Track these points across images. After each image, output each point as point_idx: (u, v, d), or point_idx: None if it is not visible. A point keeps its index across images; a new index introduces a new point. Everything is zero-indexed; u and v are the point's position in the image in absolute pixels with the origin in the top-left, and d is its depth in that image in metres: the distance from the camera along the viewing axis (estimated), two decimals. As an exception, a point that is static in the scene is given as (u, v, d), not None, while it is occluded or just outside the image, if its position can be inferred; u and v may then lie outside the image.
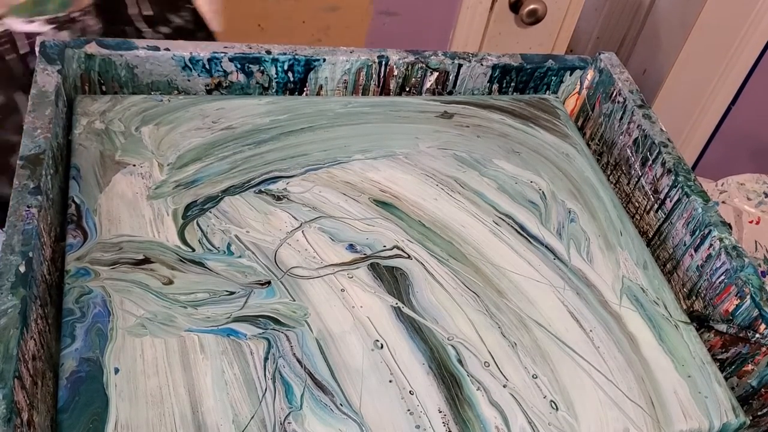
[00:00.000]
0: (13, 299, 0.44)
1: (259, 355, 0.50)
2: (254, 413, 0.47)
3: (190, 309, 0.51)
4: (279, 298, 0.54)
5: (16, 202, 0.50)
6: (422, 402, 0.50)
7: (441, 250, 0.60)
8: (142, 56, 0.66)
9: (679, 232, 0.66)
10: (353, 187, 0.63)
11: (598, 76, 0.78)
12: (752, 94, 1.61)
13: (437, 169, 0.67)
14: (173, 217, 0.57)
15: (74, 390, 0.46)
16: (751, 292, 0.58)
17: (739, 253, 0.60)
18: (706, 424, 0.53)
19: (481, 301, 0.57)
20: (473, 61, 0.75)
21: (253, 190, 0.61)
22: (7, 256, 0.47)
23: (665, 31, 1.62)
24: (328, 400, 0.49)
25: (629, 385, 0.54)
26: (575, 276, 0.61)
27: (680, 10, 1.57)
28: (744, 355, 0.59)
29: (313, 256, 0.57)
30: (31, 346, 0.45)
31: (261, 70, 0.70)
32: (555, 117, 0.77)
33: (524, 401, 0.51)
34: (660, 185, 0.68)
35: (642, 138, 0.71)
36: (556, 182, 0.69)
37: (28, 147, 0.54)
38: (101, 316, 0.50)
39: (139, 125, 0.64)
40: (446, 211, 0.63)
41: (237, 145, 0.64)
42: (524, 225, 0.64)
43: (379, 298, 0.55)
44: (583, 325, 0.57)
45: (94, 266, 0.52)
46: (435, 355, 0.53)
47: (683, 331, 0.59)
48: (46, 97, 0.59)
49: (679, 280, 0.66)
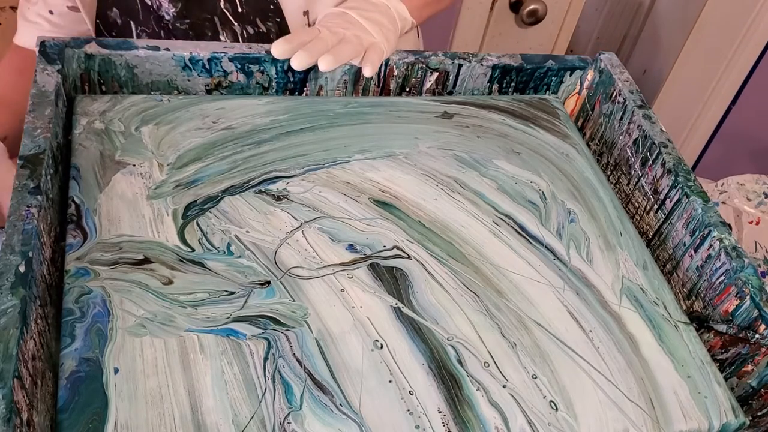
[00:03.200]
0: (13, 299, 0.44)
1: (259, 355, 0.50)
2: (254, 413, 0.47)
3: (190, 309, 0.51)
4: (279, 299, 0.54)
5: (15, 201, 0.50)
6: (422, 402, 0.50)
7: (441, 251, 0.60)
8: (142, 56, 0.66)
9: (679, 233, 0.66)
10: (353, 188, 0.63)
11: (598, 76, 0.78)
12: (752, 94, 1.61)
13: (437, 169, 0.67)
14: (173, 217, 0.57)
15: (74, 390, 0.46)
16: (751, 292, 0.58)
17: (738, 254, 0.60)
18: (706, 425, 0.53)
19: (480, 301, 0.57)
20: (473, 61, 0.75)
21: (253, 190, 0.61)
22: (6, 256, 0.47)
23: (665, 32, 1.62)
24: (328, 401, 0.49)
25: (629, 385, 0.54)
26: (575, 276, 0.61)
27: (680, 10, 1.57)
28: (744, 355, 0.59)
29: (312, 257, 0.57)
30: (31, 345, 0.45)
31: (261, 70, 0.70)
32: (555, 117, 0.77)
33: (524, 401, 0.51)
34: (660, 185, 0.68)
35: (642, 138, 0.71)
36: (556, 182, 0.69)
37: (28, 147, 0.54)
38: (101, 316, 0.50)
39: (139, 125, 0.64)
40: (446, 212, 0.63)
41: (237, 145, 0.64)
42: (524, 225, 0.64)
43: (379, 299, 0.55)
44: (582, 326, 0.57)
45: (93, 266, 0.52)
46: (435, 355, 0.53)
47: (683, 331, 0.59)
48: (46, 97, 0.59)
49: (679, 281, 0.66)
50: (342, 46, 0.67)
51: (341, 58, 0.66)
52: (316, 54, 0.66)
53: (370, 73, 0.68)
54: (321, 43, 0.66)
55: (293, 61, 0.65)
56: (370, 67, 0.67)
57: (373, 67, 0.68)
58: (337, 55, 0.66)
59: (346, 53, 0.67)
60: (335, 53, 0.66)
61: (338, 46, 0.67)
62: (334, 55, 0.66)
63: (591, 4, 1.77)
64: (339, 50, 0.66)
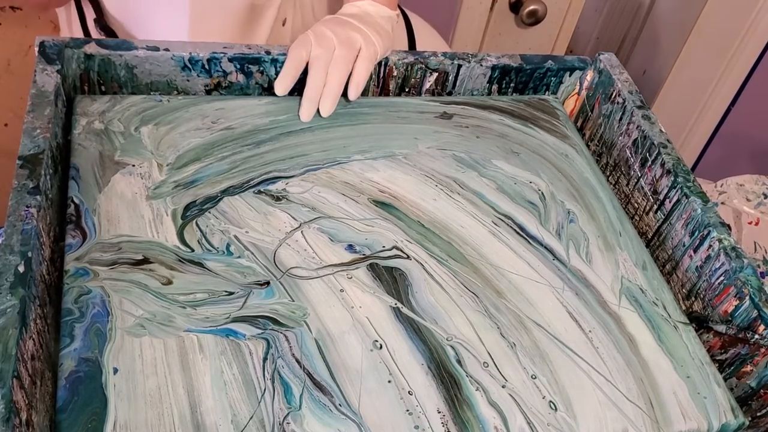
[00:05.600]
0: (12, 299, 0.44)
1: (258, 355, 0.50)
2: (253, 413, 0.47)
3: (189, 309, 0.51)
4: (278, 299, 0.54)
5: (15, 201, 0.50)
6: (421, 402, 0.50)
7: (440, 251, 0.60)
8: (142, 56, 0.66)
9: (679, 233, 0.66)
10: (352, 188, 0.63)
11: (598, 76, 0.78)
12: (752, 94, 1.61)
13: (436, 169, 0.67)
14: (172, 218, 0.57)
15: (73, 390, 0.46)
16: (750, 293, 0.58)
17: (738, 254, 0.60)
18: (705, 425, 0.53)
19: (480, 301, 0.57)
20: (473, 61, 0.75)
21: (253, 191, 0.61)
22: (6, 256, 0.47)
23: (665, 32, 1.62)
24: (327, 401, 0.49)
25: (628, 385, 0.54)
26: (574, 276, 0.61)
27: (680, 11, 1.57)
28: (743, 356, 0.59)
29: (312, 257, 0.57)
30: (30, 346, 0.45)
31: (260, 71, 0.70)
32: (554, 118, 0.77)
33: (523, 401, 0.51)
34: (659, 186, 0.68)
35: (641, 139, 0.71)
36: (556, 183, 0.69)
37: (27, 147, 0.54)
38: (100, 316, 0.50)
39: (139, 125, 0.64)
40: (445, 212, 0.63)
41: (236, 146, 0.64)
42: (523, 225, 0.64)
43: (378, 299, 0.55)
44: (582, 326, 0.57)
45: (93, 266, 0.52)
46: (434, 355, 0.53)
47: (682, 331, 0.59)
48: (46, 97, 0.59)
49: (679, 281, 0.66)
50: (333, 74, 0.69)
51: (336, 91, 0.69)
52: (317, 98, 0.69)
53: (354, 96, 0.70)
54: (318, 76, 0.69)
55: (302, 116, 0.69)
56: (354, 90, 0.70)
57: (357, 90, 0.70)
58: (332, 94, 0.69)
59: (338, 80, 0.69)
60: (329, 92, 0.69)
61: (330, 76, 0.69)
62: (331, 97, 0.69)
63: (591, 5, 1.77)
64: (331, 86, 0.69)
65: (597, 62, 0.78)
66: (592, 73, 0.79)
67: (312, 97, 0.68)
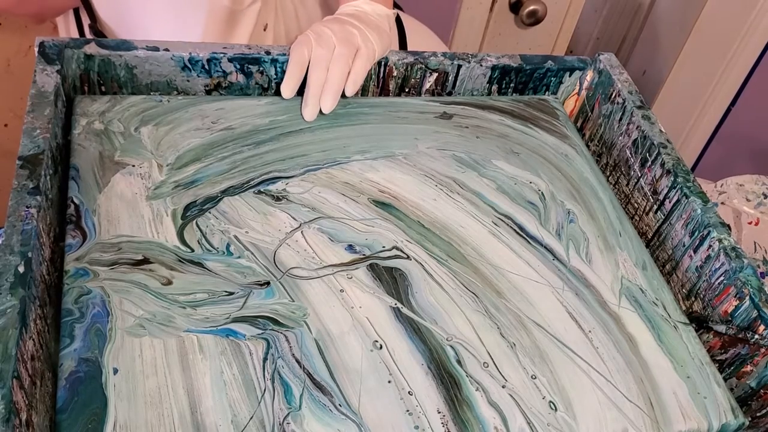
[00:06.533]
0: (12, 299, 0.44)
1: (258, 355, 0.50)
2: (253, 414, 0.47)
3: (189, 309, 0.51)
4: (278, 299, 0.54)
5: (15, 202, 0.50)
6: (421, 402, 0.50)
7: (440, 251, 0.60)
8: (142, 56, 0.66)
9: (678, 233, 0.66)
10: (352, 188, 0.63)
11: (598, 77, 0.78)
12: (752, 95, 1.61)
13: (436, 169, 0.67)
14: (172, 218, 0.57)
15: (73, 390, 0.46)
16: (750, 293, 0.58)
17: (738, 254, 0.60)
18: (705, 425, 0.53)
19: (480, 301, 0.57)
20: (472, 61, 0.75)
21: (253, 191, 0.61)
22: (6, 256, 0.47)
23: (665, 32, 1.62)
24: (327, 401, 0.49)
25: (628, 385, 0.54)
26: (574, 276, 0.61)
27: (680, 11, 1.57)
28: (743, 356, 0.59)
29: (312, 257, 0.57)
30: (30, 346, 0.45)
31: (260, 71, 0.70)
32: (554, 118, 0.77)
33: (523, 402, 0.51)
34: (659, 186, 0.68)
35: (641, 139, 0.71)
36: (556, 183, 0.69)
37: (27, 147, 0.54)
38: (100, 317, 0.50)
39: (139, 125, 0.64)
40: (445, 212, 0.63)
41: (236, 146, 0.64)
42: (523, 225, 0.64)
43: (378, 299, 0.55)
44: (582, 326, 0.57)
45: (93, 266, 0.52)
46: (434, 355, 0.53)
47: (682, 331, 0.59)
48: (45, 98, 0.59)
49: (678, 281, 0.66)
50: (333, 71, 0.69)
51: (337, 88, 0.69)
52: (317, 98, 0.69)
53: (351, 92, 0.70)
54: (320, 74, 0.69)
55: (305, 116, 0.69)
56: (351, 87, 0.70)
57: (355, 87, 0.70)
58: (333, 90, 0.69)
59: (339, 77, 0.69)
60: (330, 89, 0.69)
61: (330, 73, 0.69)
62: (332, 94, 0.69)
63: (591, 5, 1.77)
64: (332, 82, 0.69)
65: (597, 62, 0.78)
66: (592, 73, 0.79)
67: (315, 96, 0.68)
